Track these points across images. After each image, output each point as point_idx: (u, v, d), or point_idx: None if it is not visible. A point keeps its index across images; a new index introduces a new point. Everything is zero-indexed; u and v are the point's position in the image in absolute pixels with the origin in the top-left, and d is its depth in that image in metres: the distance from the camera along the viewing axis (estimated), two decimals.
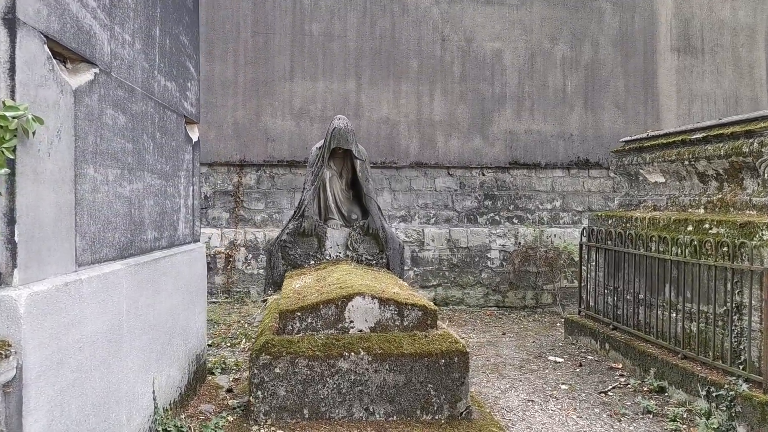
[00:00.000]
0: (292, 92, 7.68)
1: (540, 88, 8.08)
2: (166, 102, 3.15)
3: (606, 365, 5.07)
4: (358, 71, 7.78)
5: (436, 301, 7.82)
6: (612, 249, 5.42)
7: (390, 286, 3.98)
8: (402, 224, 7.87)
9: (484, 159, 7.97)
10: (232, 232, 7.56)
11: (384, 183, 7.86)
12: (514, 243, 7.95)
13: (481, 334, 6.31)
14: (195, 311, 3.58)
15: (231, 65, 7.59)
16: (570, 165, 8.10)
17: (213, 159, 7.57)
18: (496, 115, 8.00)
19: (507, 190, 8.06)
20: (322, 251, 5.26)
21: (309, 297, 3.61)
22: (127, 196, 2.58)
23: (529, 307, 7.93)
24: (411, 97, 7.86)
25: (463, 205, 7.98)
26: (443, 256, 7.84)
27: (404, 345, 3.37)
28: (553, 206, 8.13)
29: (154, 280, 2.84)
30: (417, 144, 7.86)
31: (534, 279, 7.93)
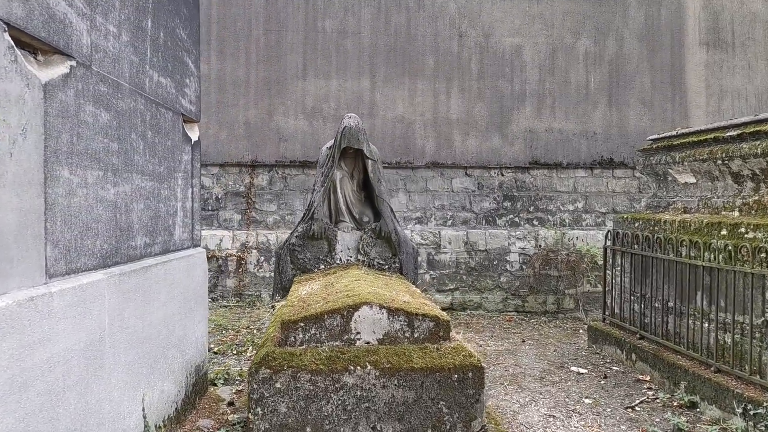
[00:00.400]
0: (305, 91, 7.49)
1: (562, 84, 7.77)
2: (160, 99, 2.96)
3: (632, 377, 4.78)
4: (373, 69, 7.57)
5: (453, 306, 7.57)
6: (639, 253, 5.12)
7: (401, 293, 3.75)
8: (418, 226, 7.63)
9: (503, 159, 7.69)
10: (244, 234, 7.39)
11: (399, 184, 7.63)
12: (535, 246, 7.65)
13: (500, 342, 6.04)
14: (194, 320, 3.39)
15: (243, 64, 7.43)
16: (593, 164, 7.78)
17: (224, 159, 7.41)
18: (515, 113, 7.71)
19: (527, 190, 7.77)
20: (332, 255, 5.05)
21: (314, 306, 3.39)
22: (111, 200, 2.39)
23: (550, 313, 7.63)
24: (427, 95, 7.62)
25: (481, 206, 7.71)
26: (461, 259, 7.58)
27: (414, 358, 3.14)
28: (575, 207, 7.82)
29: (145, 289, 2.65)
30: (433, 143, 7.62)
31: (555, 283, 7.63)
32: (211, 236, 7.36)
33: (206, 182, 7.45)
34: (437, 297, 7.53)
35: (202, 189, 7.44)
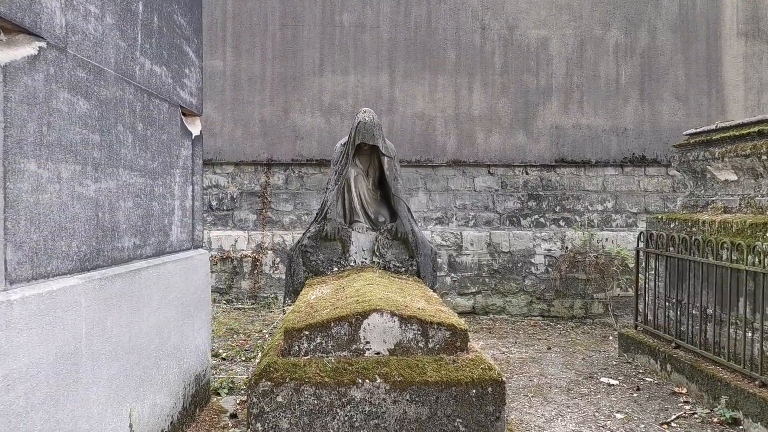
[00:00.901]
0: (322, 87, 7.26)
1: (590, 78, 7.41)
2: (153, 89, 2.74)
3: (667, 389, 4.43)
4: (392, 64, 7.31)
5: (475, 310, 7.26)
6: (675, 256, 4.77)
7: (416, 299, 3.49)
8: (438, 227, 7.34)
9: (528, 156, 7.36)
10: (259, 235, 7.20)
11: (419, 183, 7.35)
12: (561, 247, 7.31)
13: (524, 349, 5.73)
14: (193, 327, 3.17)
15: (258, 60, 7.24)
16: (624, 162, 7.40)
17: (239, 158, 7.23)
18: (541, 108, 7.38)
19: (553, 189, 7.42)
20: (346, 257, 4.81)
21: (321, 312, 3.15)
22: (91, 197, 2.17)
23: (578, 318, 7.27)
24: (448, 91, 7.33)
25: (505, 206, 7.40)
26: (483, 261, 7.27)
27: (428, 371, 2.87)
28: (604, 207, 7.45)
29: (133, 294, 2.43)
30: (454, 141, 7.32)
31: (583, 287, 7.27)
32: (226, 237, 7.19)
33: (221, 181, 7.28)
34: (458, 301, 7.24)
35: (216, 188, 7.28)
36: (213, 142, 7.20)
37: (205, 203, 7.27)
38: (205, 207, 7.27)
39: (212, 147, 7.20)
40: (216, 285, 7.16)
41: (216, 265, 7.14)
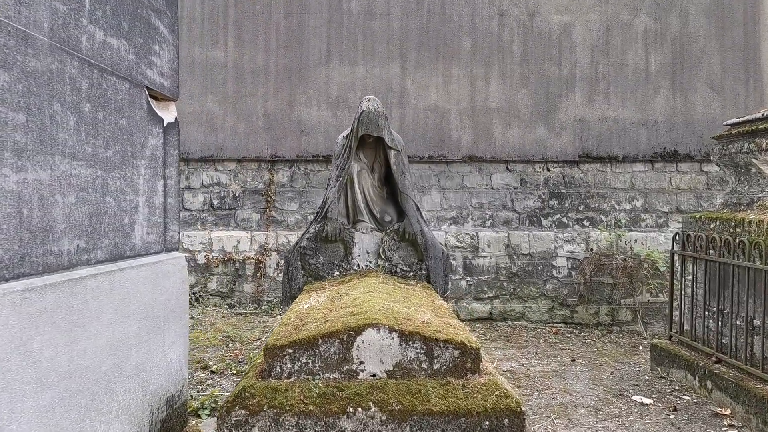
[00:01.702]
0: (329, 79, 6.84)
1: (617, 67, 6.88)
2: (108, 64, 2.33)
3: (708, 410, 3.92)
4: (403, 53, 6.86)
5: (493, 316, 6.78)
6: (716, 260, 4.25)
7: (422, 310, 3.04)
8: (453, 227, 6.88)
9: (549, 151, 6.86)
10: (263, 235, 6.81)
11: (432, 180, 6.89)
12: (585, 249, 6.79)
13: (545, 360, 5.24)
14: (164, 342, 2.76)
15: (261, 50, 6.85)
16: (654, 157, 6.85)
17: (242, 154, 6.84)
18: (563, 100, 6.87)
19: (576, 187, 6.91)
20: (348, 260, 4.38)
21: (309, 326, 2.72)
22: (11, 190, 1.77)
23: (603, 325, 6.75)
24: (463, 82, 6.86)
25: (525, 205, 6.90)
26: (501, 263, 6.79)
27: (433, 398, 2.42)
28: (632, 206, 6.91)
29: (74, 308, 2.02)
30: (470, 135, 6.85)
31: (609, 292, 6.75)
32: (228, 237, 6.81)
33: (223, 179, 6.90)
34: (474, 306, 6.77)
35: (218, 186, 6.90)
36: (214, 137, 6.83)
37: (206, 202, 6.90)
38: (206, 206, 6.90)
39: (213, 143, 6.83)
40: (218, 288, 6.78)
41: (218, 268, 6.77)
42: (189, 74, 6.82)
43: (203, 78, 6.83)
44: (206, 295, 6.75)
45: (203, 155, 6.82)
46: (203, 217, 6.90)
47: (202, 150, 6.82)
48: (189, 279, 6.75)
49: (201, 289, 6.74)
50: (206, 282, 6.78)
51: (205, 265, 6.76)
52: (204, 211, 6.90)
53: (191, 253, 6.79)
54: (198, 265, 6.77)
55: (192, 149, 6.82)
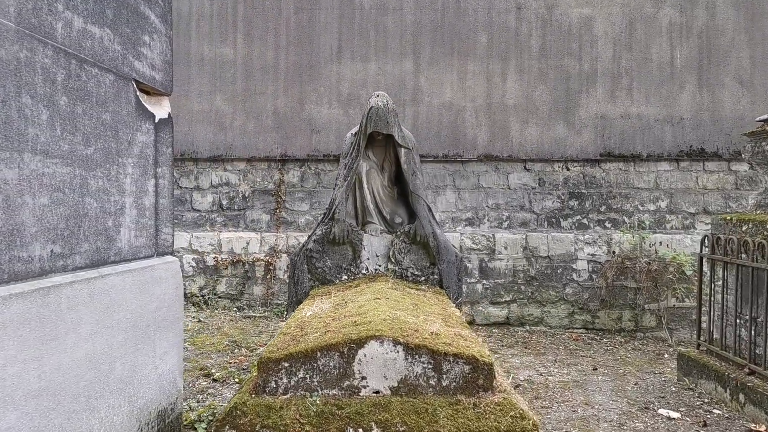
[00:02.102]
0: (340, 76, 6.65)
1: (641, 62, 6.59)
2: (89, 54, 2.16)
3: (741, 425, 3.65)
4: (416, 49, 6.64)
5: (510, 321, 6.53)
6: (749, 265, 3.96)
7: (431, 318, 2.82)
8: (468, 228, 6.64)
9: (569, 150, 6.59)
10: (273, 237, 6.64)
11: (447, 180, 6.66)
12: (607, 252, 6.51)
13: (565, 369, 4.98)
14: (155, 352, 2.58)
15: (271, 47, 6.68)
16: (679, 156, 6.55)
17: (251, 153, 6.68)
18: (584, 96, 6.59)
19: (598, 187, 6.63)
20: (357, 264, 4.18)
21: (309, 337, 2.52)
22: None
23: (626, 331, 6.46)
24: (479, 78, 6.62)
25: (543, 205, 6.64)
26: (518, 266, 6.53)
27: (441, 419, 2.20)
28: (656, 207, 6.61)
29: (46, 319, 1.85)
30: (486, 133, 6.61)
31: (632, 296, 6.46)
32: (237, 239, 6.65)
33: (232, 179, 6.75)
34: (491, 310, 6.52)
35: (227, 186, 6.75)
36: (223, 136, 6.68)
37: (215, 203, 6.75)
38: (215, 207, 6.75)
39: (222, 142, 6.68)
40: (227, 291, 6.63)
41: (227, 269, 6.62)
42: (198, 72, 6.68)
43: (212, 76, 6.68)
44: (215, 298, 6.60)
45: (212, 155, 6.67)
46: (212, 217, 6.75)
47: (211, 149, 6.67)
48: (197, 281, 6.62)
49: (210, 292, 6.60)
50: (215, 284, 6.63)
51: (214, 266, 6.61)
52: (213, 212, 6.76)
53: (200, 255, 6.65)
54: (207, 266, 6.63)
55: (201, 149, 6.68)
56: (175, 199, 6.74)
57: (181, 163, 6.73)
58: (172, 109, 6.73)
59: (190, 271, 6.63)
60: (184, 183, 6.75)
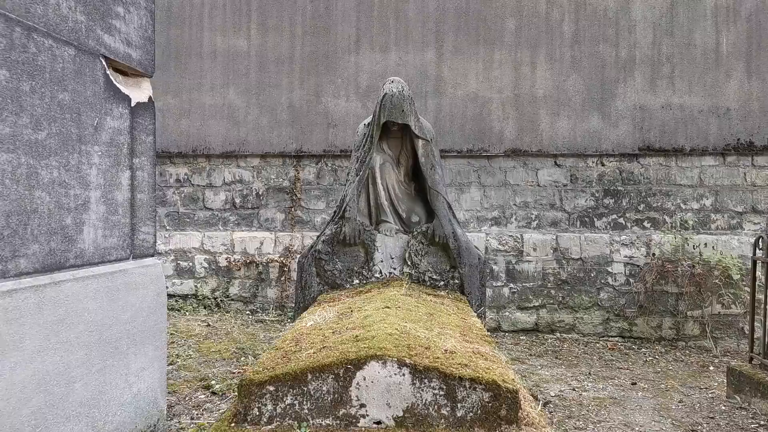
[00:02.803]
0: (358, 67, 6.30)
1: (683, 48, 6.07)
2: (41, 23, 1.84)
3: None
4: (439, 38, 6.25)
5: (539, 327, 6.09)
6: None
7: (447, 332, 2.44)
8: (494, 228, 6.22)
9: (604, 144, 6.11)
10: (288, 237, 6.33)
11: (471, 176, 6.25)
12: (646, 254, 6.02)
13: (600, 383, 4.54)
14: (128, 369, 2.25)
15: (287, 37, 6.36)
16: (726, 150, 6.01)
17: (265, 149, 6.38)
18: (621, 85, 6.11)
19: (636, 184, 6.13)
20: (369, 267, 3.81)
21: (302, 353, 2.17)
22: None
23: (667, 340, 5.96)
24: (506, 68, 6.19)
25: (575, 204, 6.18)
26: (548, 269, 6.09)
27: None
28: (700, 205, 6.09)
29: None
30: (514, 126, 6.18)
31: (673, 302, 5.96)
32: (251, 238, 6.36)
33: (245, 176, 6.45)
34: (518, 316, 6.09)
35: (240, 184, 6.46)
36: (236, 131, 6.39)
37: (228, 201, 6.47)
38: (228, 205, 6.47)
39: (235, 137, 6.39)
40: (239, 293, 6.34)
41: (239, 271, 6.33)
42: (210, 65, 6.41)
43: (225, 68, 6.40)
44: (227, 301, 6.32)
45: (225, 150, 6.39)
46: (225, 216, 6.47)
47: (224, 145, 6.39)
48: (210, 283, 6.35)
49: (222, 294, 6.32)
50: (228, 286, 6.35)
51: (226, 268, 6.33)
52: (226, 211, 6.48)
53: (212, 255, 6.37)
54: (219, 267, 6.35)
55: (213, 144, 6.40)
56: (187, 196, 6.49)
57: (193, 159, 6.47)
58: (184, 103, 6.42)
59: (202, 273, 6.36)
60: (197, 180, 6.49)
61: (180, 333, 5.09)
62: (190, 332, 5.15)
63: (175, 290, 6.35)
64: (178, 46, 6.41)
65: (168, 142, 6.40)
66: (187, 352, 4.52)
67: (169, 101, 6.40)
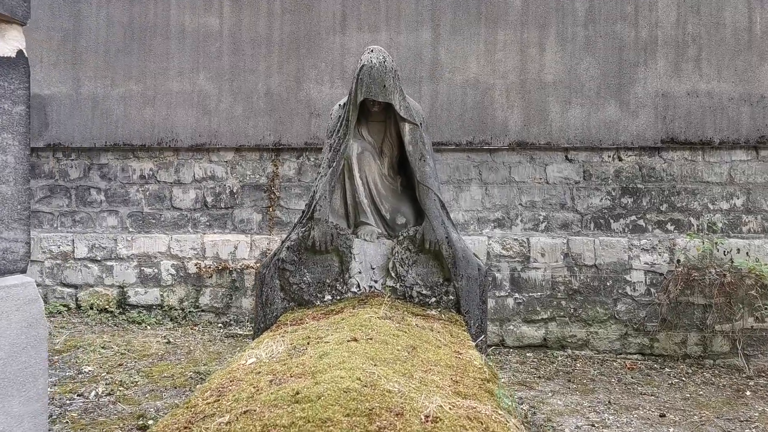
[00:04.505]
0: (344, 49, 5.60)
1: (711, 27, 5.37)
2: None
3: None
4: (435, 15, 5.55)
5: (548, 343, 5.38)
6: None
7: (431, 380, 1.75)
8: (497, 231, 5.51)
9: (622, 135, 5.41)
10: (265, 240, 5.63)
11: (472, 172, 5.55)
12: (669, 260, 5.31)
13: (624, 415, 3.83)
14: None
15: (264, 16, 5.67)
16: (760, 142, 5.30)
17: (240, 142, 5.68)
18: (641, 69, 5.40)
19: (657, 181, 5.42)
20: (344, 279, 3.11)
21: (214, 420, 1.47)
22: None
23: (692, 358, 5.26)
24: (511, 49, 5.49)
25: (589, 203, 5.47)
26: (558, 277, 5.38)
27: None
28: (731, 206, 5.38)
29: None
30: (519, 116, 5.47)
31: (700, 315, 5.26)
32: (224, 242, 5.66)
33: (218, 172, 5.76)
34: (524, 330, 5.39)
35: (212, 180, 5.76)
36: (207, 121, 5.69)
37: (199, 199, 5.77)
38: (199, 204, 5.77)
39: (206, 128, 5.69)
40: (210, 303, 5.64)
41: (211, 278, 5.63)
42: (178, 46, 5.71)
43: (194, 50, 5.71)
44: (197, 312, 5.62)
45: (194, 143, 5.70)
46: (195, 217, 5.78)
47: (193, 137, 5.70)
48: (177, 292, 5.65)
49: (191, 304, 5.62)
50: (197, 295, 5.65)
51: (196, 275, 5.64)
52: (196, 211, 5.78)
53: (180, 261, 5.68)
54: (188, 274, 5.65)
55: (182, 136, 5.71)
56: (152, 195, 5.79)
57: (159, 153, 5.78)
58: (148, 89, 5.56)
59: (169, 280, 5.67)
60: (163, 176, 5.79)
61: (132, 353, 4.40)
62: (145, 351, 4.46)
63: (138, 300, 5.66)
64: (142, 26, 5.72)
65: (131, 134, 5.71)
66: (133, 377, 3.82)
67: (131, 87, 5.71)
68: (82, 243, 5.75)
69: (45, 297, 5.76)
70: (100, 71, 5.74)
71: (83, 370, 3.96)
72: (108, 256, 5.72)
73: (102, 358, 4.23)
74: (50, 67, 5.79)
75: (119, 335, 4.91)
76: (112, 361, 4.18)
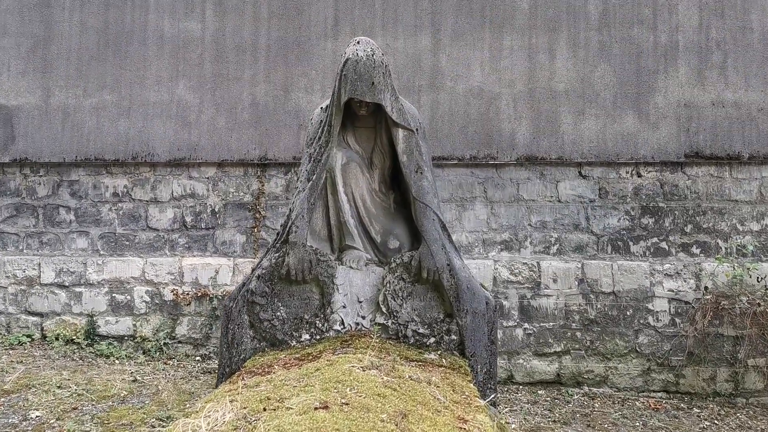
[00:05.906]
0: (336, 55, 5.15)
1: (737, 32, 4.91)
2: None
3: None
4: (436, 20, 5.11)
5: (561, 380, 4.83)
6: None
7: None
8: (504, 254, 5.00)
9: (641, 149, 4.92)
10: (249, 264, 5.12)
11: (476, 189, 5.06)
12: (696, 287, 4.80)
13: None
14: None
15: (249, 20, 5.23)
16: None
17: (222, 156, 5.20)
18: (661, 77, 4.93)
19: (681, 199, 4.92)
20: (325, 314, 2.60)
21: None
22: None
23: (723, 396, 4.72)
24: (518, 56, 5.03)
25: (605, 224, 4.96)
26: (572, 305, 4.86)
27: None
28: (762, 226, 4.87)
29: None
30: (528, 128, 5.00)
31: (730, 348, 4.73)
32: (204, 266, 5.15)
33: (198, 189, 5.27)
34: (535, 364, 4.85)
35: (192, 198, 5.27)
36: (187, 134, 5.22)
37: (177, 219, 5.27)
38: (177, 224, 5.27)
39: (186, 141, 5.22)
40: (188, 334, 5.12)
41: (189, 306, 5.12)
42: (156, 53, 5.27)
43: (173, 57, 5.26)
44: (173, 343, 5.09)
45: (173, 157, 5.22)
46: (173, 238, 5.27)
47: (171, 151, 5.22)
48: (152, 321, 5.13)
49: (167, 335, 5.09)
50: (174, 325, 5.12)
51: (173, 302, 5.12)
52: (174, 231, 5.28)
53: (156, 287, 5.16)
54: (164, 302, 5.13)
55: (159, 150, 5.23)
56: (126, 214, 5.30)
57: (134, 168, 5.30)
58: (123, 99, 5.25)
59: (143, 308, 5.14)
60: (138, 194, 5.30)
61: (91, 393, 3.86)
62: (107, 392, 3.92)
63: (109, 330, 5.13)
64: (118, 32, 5.29)
65: (103, 148, 5.24)
66: (84, 426, 3.29)
67: (105, 98, 5.25)
68: (49, 267, 5.25)
69: (8, 326, 5.24)
70: (71, 80, 5.29)
71: (29, 415, 3.43)
72: (77, 281, 5.21)
73: (55, 401, 3.70)
74: (18, 75, 5.35)
75: (81, 372, 4.38)
76: (65, 404, 3.65)
